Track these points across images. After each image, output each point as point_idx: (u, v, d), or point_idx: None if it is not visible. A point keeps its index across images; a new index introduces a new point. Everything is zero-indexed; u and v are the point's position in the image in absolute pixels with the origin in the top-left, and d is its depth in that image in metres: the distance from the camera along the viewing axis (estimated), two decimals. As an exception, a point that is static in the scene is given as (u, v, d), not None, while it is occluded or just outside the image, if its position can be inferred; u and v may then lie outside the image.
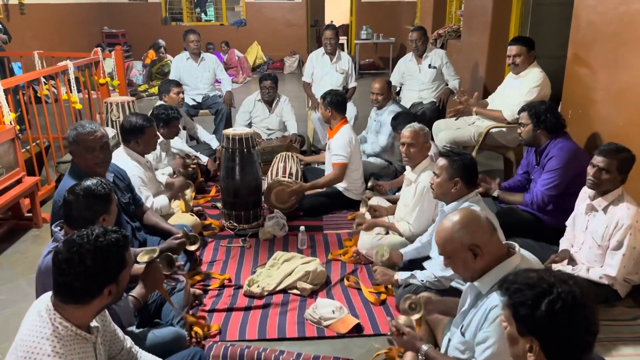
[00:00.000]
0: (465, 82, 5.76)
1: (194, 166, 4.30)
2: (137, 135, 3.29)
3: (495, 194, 3.31)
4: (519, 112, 3.33)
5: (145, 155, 3.43)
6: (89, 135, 2.64)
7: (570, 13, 6.08)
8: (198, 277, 3.10)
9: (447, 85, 5.28)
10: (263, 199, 3.98)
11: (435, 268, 2.49)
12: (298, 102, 6.83)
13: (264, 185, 4.05)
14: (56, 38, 9.80)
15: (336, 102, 4.04)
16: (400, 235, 3.13)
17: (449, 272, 2.41)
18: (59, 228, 2.22)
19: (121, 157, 3.28)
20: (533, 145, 3.26)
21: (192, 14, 13.24)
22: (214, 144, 5.09)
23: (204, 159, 4.65)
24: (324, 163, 4.52)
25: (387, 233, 3.25)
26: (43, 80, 5.04)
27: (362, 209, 3.53)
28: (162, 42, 9.75)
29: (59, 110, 5.03)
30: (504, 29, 5.63)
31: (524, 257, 1.85)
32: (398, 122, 3.80)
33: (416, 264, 2.79)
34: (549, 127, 3.13)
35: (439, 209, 2.72)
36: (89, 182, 2.21)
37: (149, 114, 4.16)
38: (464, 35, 6.78)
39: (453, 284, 2.50)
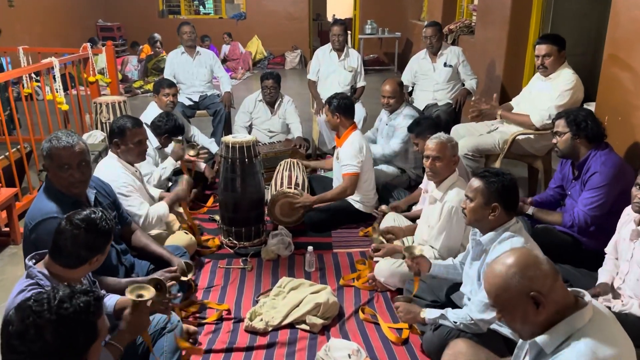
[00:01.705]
0: (480, 81, 5.38)
1: (205, 155, 4.07)
2: (118, 138, 2.91)
3: (529, 211, 2.94)
4: (554, 120, 2.97)
5: (135, 164, 3.05)
6: (64, 150, 2.22)
7: (589, 9, 5.70)
8: (193, 309, 2.71)
9: (464, 85, 4.90)
10: (266, 212, 3.60)
11: (472, 309, 2.11)
12: (301, 100, 6.44)
13: (267, 195, 3.68)
14: (48, 32, 9.36)
15: (344, 106, 3.65)
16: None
17: (489, 315, 2.05)
18: (33, 262, 1.84)
19: (107, 166, 2.90)
20: (571, 157, 2.90)
21: (190, 6, 12.87)
22: (214, 148, 4.69)
23: (202, 166, 4.23)
24: (330, 169, 4.15)
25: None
26: (26, 77, 4.65)
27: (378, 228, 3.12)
28: (157, 36, 9.30)
29: (44, 110, 4.61)
30: (524, 24, 5.27)
31: (596, 308, 1.49)
32: (420, 129, 3.36)
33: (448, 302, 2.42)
34: (590, 136, 2.78)
35: (470, 235, 2.35)
36: (92, 215, 1.86)
37: (150, 122, 3.82)
38: (477, 31, 6.40)
39: (493, 326, 2.13)
